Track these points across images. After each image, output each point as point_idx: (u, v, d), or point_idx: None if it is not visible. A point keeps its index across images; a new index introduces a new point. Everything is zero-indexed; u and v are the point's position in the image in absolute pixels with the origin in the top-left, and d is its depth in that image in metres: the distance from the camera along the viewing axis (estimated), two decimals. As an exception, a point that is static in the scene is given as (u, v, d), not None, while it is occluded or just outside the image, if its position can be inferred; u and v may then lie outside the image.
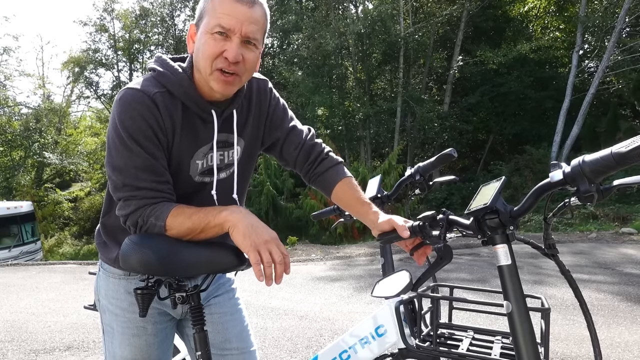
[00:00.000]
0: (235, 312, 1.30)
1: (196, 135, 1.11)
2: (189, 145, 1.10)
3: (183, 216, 1.01)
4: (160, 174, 1.05)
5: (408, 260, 6.30)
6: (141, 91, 1.03)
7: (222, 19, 0.99)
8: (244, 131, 1.21)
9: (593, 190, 0.75)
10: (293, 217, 13.32)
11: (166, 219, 1.01)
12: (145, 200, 1.03)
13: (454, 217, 0.97)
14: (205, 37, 1.01)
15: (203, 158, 1.14)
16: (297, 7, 18.61)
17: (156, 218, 1.01)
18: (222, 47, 1.00)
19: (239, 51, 1.01)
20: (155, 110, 1.03)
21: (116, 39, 25.34)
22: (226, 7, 0.99)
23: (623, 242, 7.56)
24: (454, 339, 1.19)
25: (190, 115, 1.09)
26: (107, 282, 1.22)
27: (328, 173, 1.27)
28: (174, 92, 1.06)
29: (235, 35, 1.00)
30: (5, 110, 23.33)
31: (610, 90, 14.91)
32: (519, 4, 17.07)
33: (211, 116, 1.11)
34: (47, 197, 22.91)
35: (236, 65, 1.02)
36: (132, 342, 1.20)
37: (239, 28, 1.00)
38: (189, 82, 1.08)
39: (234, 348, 1.26)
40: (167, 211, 1.02)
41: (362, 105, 15.89)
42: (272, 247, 0.96)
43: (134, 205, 1.03)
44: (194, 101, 1.08)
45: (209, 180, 1.17)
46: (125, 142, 1.01)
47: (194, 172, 1.14)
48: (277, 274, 0.95)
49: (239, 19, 0.99)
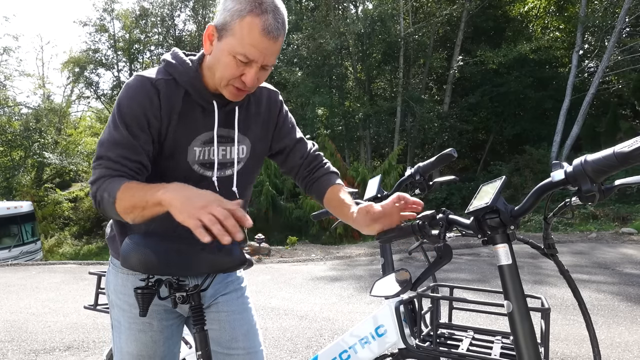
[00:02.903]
0: (243, 311, 1.29)
1: (195, 122, 1.15)
2: (186, 131, 1.14)
3: (129, 192, 1.01)
4: (134, 152, 1.07)
5: (408, 260, 6.30)
6: (146, 77, 1.10)
7: (248, 50, 1.03)
8: (249, 131, 1.24)
9: (595, 190, 0.75)
10: (293, 217, 13.32)
11: (116, 195, 1.01)
12: (106, 170, 1.05)
13: (454, 217, 0.96)
14: (228, 57, 1.05)
15: (201, 146, 1.16)
16: (297, 7, 18.61)
17: (108, 194, 1.02)
18: (242, 71, 1.06)
19: (256, 77, 1.08)
20: (155, 95, 1.09)
21: (116, 39, 25.36)
22: (254, 39, 1.02)
23: (623, 242, 7.56)
24: (454, 339, 1.19)
25: (192, 103, 1.14)
26: (116, 278, 1.23)
27: (321, 179, 1.32)
28: (179, 80, 1.12)
29: (256, 64, 1.06)
30: (5, 110, 23.33)
31: (610, 90, 14.93)
32: (519, 4, 17.07)
33: (212, 106, 1.15)
34: (47, 197, 22.91)
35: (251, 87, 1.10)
36: (138, 338, 1.20)
37: (261, 60, 1.05)
38: (196, 73, 1.13)
39: (240, 348, 1.25)
40: (118, 186, 1.02)
41: (362, 105, 15.89)
42: (212, 208, 0.90)
43: (97, 174, 1.06)
44: (197, 90, 1.13)
45: (210, 175, 1.18)
46: (115, 120, 1.08)
47: (192, 159, 1.15)
48: (229, 229, 0.89)
49: (263, 52, 1.04)
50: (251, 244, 8.63)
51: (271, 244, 9.96)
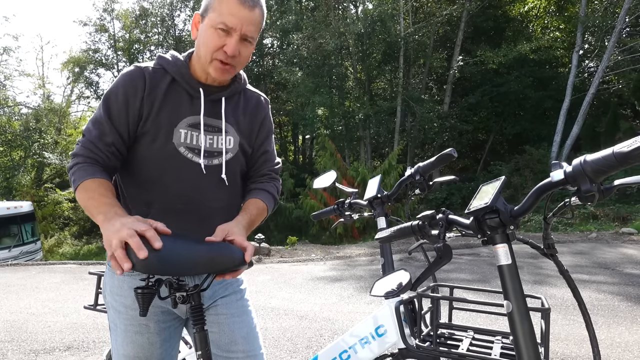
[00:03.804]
0: (242, 313, 1.28)
1: (180, 106, 1.21)
2: (171, 113, 1.19)
3: (86, 194, 1.09)
4: (109, 134, 1.16)
5: (408, 260, 6.30)
6: (138, 66, 1.20)
7: (226, 18, 1.12)
8: (239, 124, 1.29)
9: (594, 189, 0.75)
10: (293, 217, 13.33)
11: (77, 188, 1.10)
12: (83, 150, 1.15)
13: (454, 217, 0.97)
14: (210, 30, 1.14)
15: (187, 129, 1.20)
16: (297, 7, 18.61)
17: (74, 181, 1.12)
18: (223, 42, 1.14)
19: (237, 47, 1.15)
20: (140, 80, 1.17)
21: (116, 39, 25.33)
22: (231, 7, 1.12)
23: (623, 242, 7.56)
24: (454, 339, 1.19)
25: (178, 89, 1.22)
26: (112, 279, 1.23)
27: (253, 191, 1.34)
28: (167, 69, 1.21)
29: (236, 33, 1.14)
30: (5, 110, 23.33)
31: (610, 90, 14.92)
32: (519, 4, 17.07)
33: (199, 93, 1.22)
34: (47, 197, 22.89)
35: (233, 58, 1.16)
36: (135, 340, 1.20)
37: (239, 27, 1.13)
38: (184, 64, 1.23)
39: (240, 351, 1.24)
40: (80, 180, 1.10)
41: (362, 105, 15.88)
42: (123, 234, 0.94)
43: (76, 150, 1.17)
44: (184, 77, 1.21)
45: (198, 161, 1.22)
46: (101, 102, 1.19)
47: (177, 141, 1.19)
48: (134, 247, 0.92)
49: (241, 19, 1.12)
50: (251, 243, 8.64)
51: (271, 244, 9.97)
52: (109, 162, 1.17)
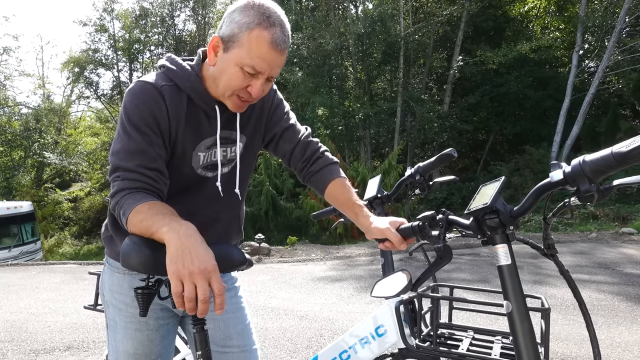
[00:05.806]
0: (237, 310, 1.31)
1: (200, 128, 1.16)
2: (192, 137, 1.15)
3: (138, 217, 0.99)
4: (151, 160, 1.06)
5: (408, 260, 6.30)
6: (150, 83, 1.10)
7: (256, 62, 1.04)
8: (246, 128, 1.26)
9: (593, 190, 0.75)
10: (293, 217, 13.32)
11: (128, 216, 1.00)
12: (125, 183, 1.03)
13: (454, 217, 0.97)
14: (235, 68, 1.06)
15: (205, 151, 1.18)
16: (297, 7, 18.60)
17: (122, 212, 1.01)
18: (248, 82, 1.07)
19: (262, 88, 1.09)
20: (161, 100, 1.08)
21: (116, 39, 25.34)
22: (262, 51, 1.03)
23: (623, 242, 7.56)
24: (454, 339, 1.19)
25: (195, 108, 1.15)
26: (112, 277, 1.24)
27: (322, 172, 1.31)
28: (181, 86, 1.13)
29: (263, 77, 1.07)
30: (5, 110, 23.35)
31: (610, 90, 14.92)
32: (519, 4, 17.07)
33: (215, 111, 1.17)
34: (47, 197, 22.93)
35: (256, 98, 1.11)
36: (135, 337, 1.21)
37: (268, 72, 1.07)
38: (196, 78, 1.14)
39: (234, 346, 1.26)
40: (132, 207, 0.99)
41: (362, 105, 15.88)
42: (199, 281, 0.88)
43: (116, 187, 1.05)
44: (200, 95, 1.14)
45: (211, 175, 1.20)
46: (126, 128, 1.06)
47: (196, 164, 1.17)
48: (199, 311, 0.89)
49: (270, 64, 1.06)
50: (251, 244, 8.64)
51: (271, 244, 9.96)
52: (156, 185, 1.07)
